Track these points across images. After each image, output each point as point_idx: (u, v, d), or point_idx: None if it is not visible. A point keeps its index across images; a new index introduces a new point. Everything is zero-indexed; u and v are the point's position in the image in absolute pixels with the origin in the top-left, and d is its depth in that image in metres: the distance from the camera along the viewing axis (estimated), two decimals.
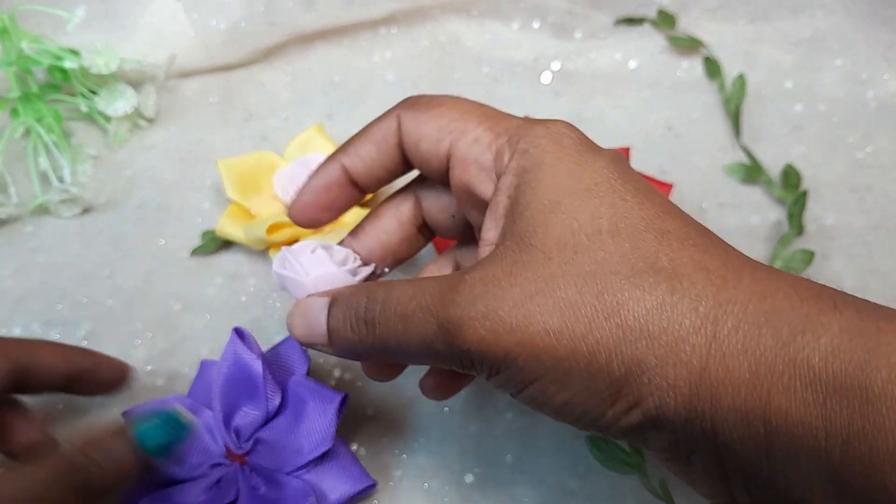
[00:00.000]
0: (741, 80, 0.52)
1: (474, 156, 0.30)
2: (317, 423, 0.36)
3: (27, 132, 0.50)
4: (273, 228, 0.44)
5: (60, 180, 0.49)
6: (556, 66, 0.55)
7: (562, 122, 0.30)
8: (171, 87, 0.54)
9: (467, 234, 0.36)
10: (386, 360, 0.33)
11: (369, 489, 0.38)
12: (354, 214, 0.46)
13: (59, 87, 0.51)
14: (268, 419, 0.37)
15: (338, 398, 0.37)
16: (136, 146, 0.52)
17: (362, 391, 0.42)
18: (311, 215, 0.34)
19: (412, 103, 0.33)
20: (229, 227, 0.45)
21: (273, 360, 0.39)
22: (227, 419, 0.37)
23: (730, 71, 0.53)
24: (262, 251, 0.46)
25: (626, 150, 0.45)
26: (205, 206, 0.49)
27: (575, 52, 0.56)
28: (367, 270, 0.34)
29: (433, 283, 0.28)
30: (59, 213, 0.48)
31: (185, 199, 0.49)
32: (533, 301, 0.25)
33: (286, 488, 0.36)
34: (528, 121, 0.30)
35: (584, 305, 0.25)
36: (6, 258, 0.47)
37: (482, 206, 0.31)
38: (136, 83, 0.52)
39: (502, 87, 0.54)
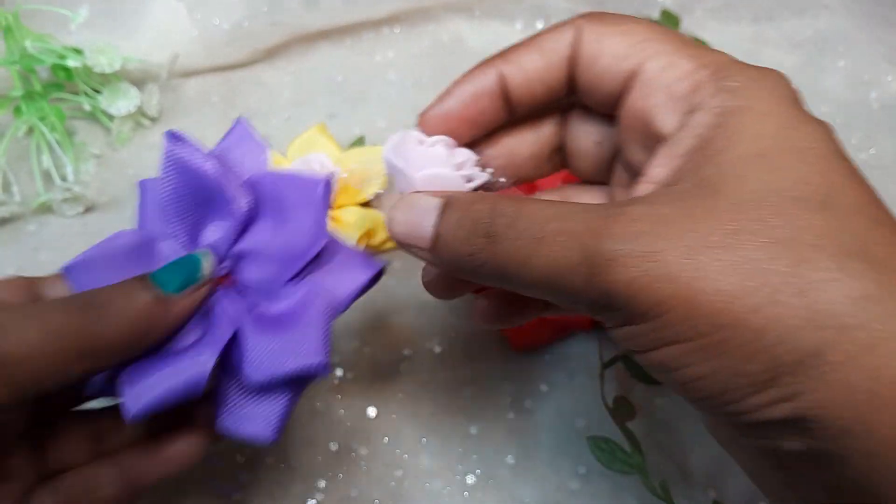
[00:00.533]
0: None
1: (666, 81, 0.26)
2: (303, 216, 0.31)
3: (30, 131, 0.50)
4: None
5: (63, 179, 0.49)
6: None
7: (777, 71, 0.26)
8: (173, 87, 0.54)
9: (601, 170, 0.32)
10: (492, 283, 0.27)
11: (378, 277, 0.32)
12: (355, 214, 0.46)
13: (63, 86, 0.51)
14: (242, 229, 0.31)
15: (320, 183, 0.31)
16: (138, 145, 0.52)
17: (364, 392, 0.42)
18: (447, 126, 0.30)
19: (597, 17, 0.29)
20: None
21: (224, 160, 0.32)
22: (193, 241, 0.32)
23: None
24: None
25: None
26: None
27: None
28: (484, 177, 0.30)
29: (580, 209, 0.24)
30: (62, 211, 0.48)
31: None
32: (710, 253, 0.22)
33: (290, 297, 0.30)
34: (737, 61, 0.27)
35: (773, 273, 0.21)
36: (9, 257, 0.47)
37: (653, 140, 0.27)
38: (139, 82, 0.52)
39: None
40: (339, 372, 0.43)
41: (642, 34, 0.27)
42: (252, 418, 0.29)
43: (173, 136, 0.31)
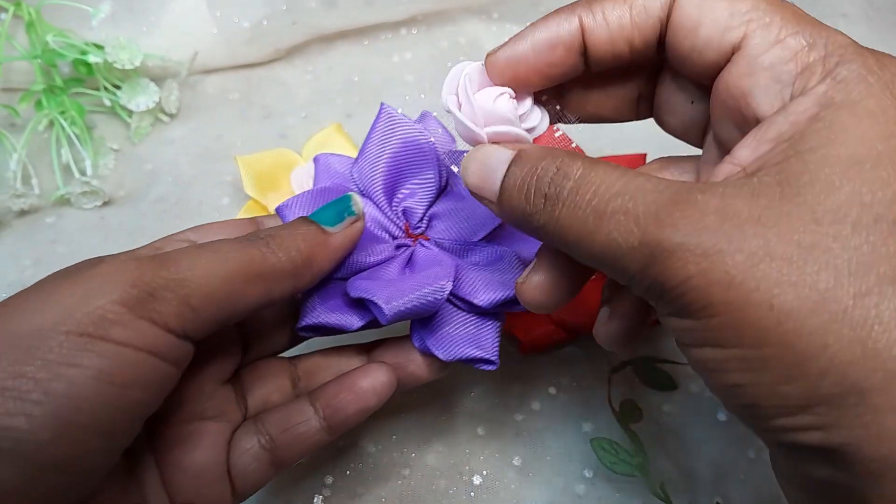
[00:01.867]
0: None
1: (771, 60, 0.24)
2: None
3: (50, 124, 0.50)
4: None
5: (82, 173, 0.49)
6: None
7: None
8: (192, 84, 0.55)
9: (692, 132, 0.30)
10: (551, 244, 0.27)
11: None
12: None
13: (83, 81, 0.52)
14: (437, 195, 0.35)
15: None
16: (156, 141, 0.52)
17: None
18: (514, 72, 0.28)
19: None
20: None
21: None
22: (388, 198, 0.36)
23: None
24: None
25: (643, 157, 0.45)
26: (223, 202, 0.49)
27: None
28: (546, 122, 0.29)
29: (650, 186, 0.23)
30: (80, 204, 0.49)
31: (204, 194, 0.50)
32: (775, 264, 0.20)
33: (485, 252, 0.35)
34: (856, 44, 0.24)
35: (834, 301, 0.20)
36: (27, 248, 0.47)
37: (749, 122, 0.25)
38: (159, 79, 0.53)
39: None
40: None
41: (750, 1, 0.25)
42: (476, 342, 0.33)
43: (387, 107, 0.35)
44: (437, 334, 0.33)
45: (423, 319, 0.33)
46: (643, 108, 0.31)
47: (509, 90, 0.28)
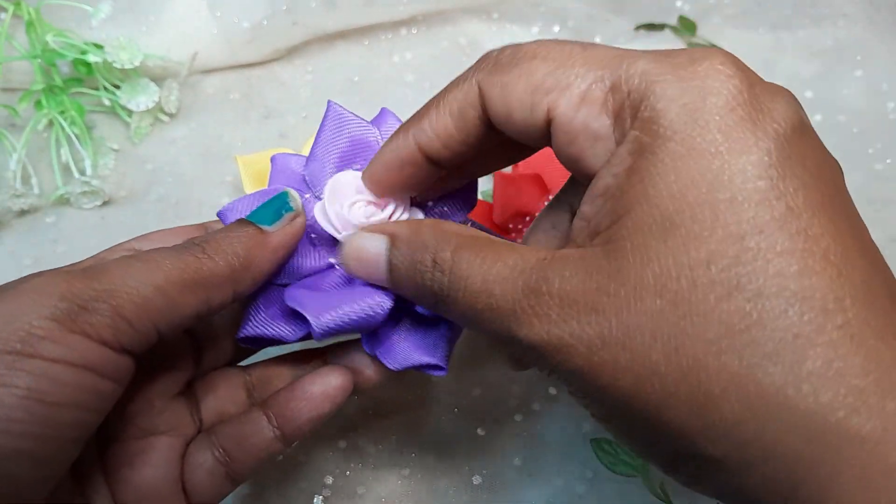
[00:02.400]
0: None
1: (583, 121, 0.23)
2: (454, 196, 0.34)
3: (50, 124, 0.50)
4: None
5: (82, 172, 0.49)
6: None
7: (716, 59, 0.22)
8: (192, 83, 0.55)
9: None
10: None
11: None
12: None
13: (83, 81, 0.52)
14: None
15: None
16: (156, 140, 0.52)
17: (374, 390, 0.42)
18: (383, 189, 0.30)
19: (493, 62, 0.26)
20: None
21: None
22: None
23: None
24: None
25: None
26: (224, 202, 0.49)
27: None
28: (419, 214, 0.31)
29: (506, 271, 0.24)
30: (80, 204, 0.49)
31: (205, 194, 0.50)
32: (610, 352, 0.21)
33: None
34: (661, 60, 0.22)
35: (667, 376, 0.20)
36: (27, 248, 0.48)
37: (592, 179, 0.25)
38: (159, 78, 0.53)
39: None
40: None
41: (542, 69, 0.24)
42: (423, 349, 0.32)
43: (334, 105, 0.34)
44: (385, 345, 0.32)
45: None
46: (512, 151, 0.31)
47: (366, 197, 0.31)
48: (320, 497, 0.39)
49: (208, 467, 0.31)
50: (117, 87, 0.51)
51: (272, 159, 0.35)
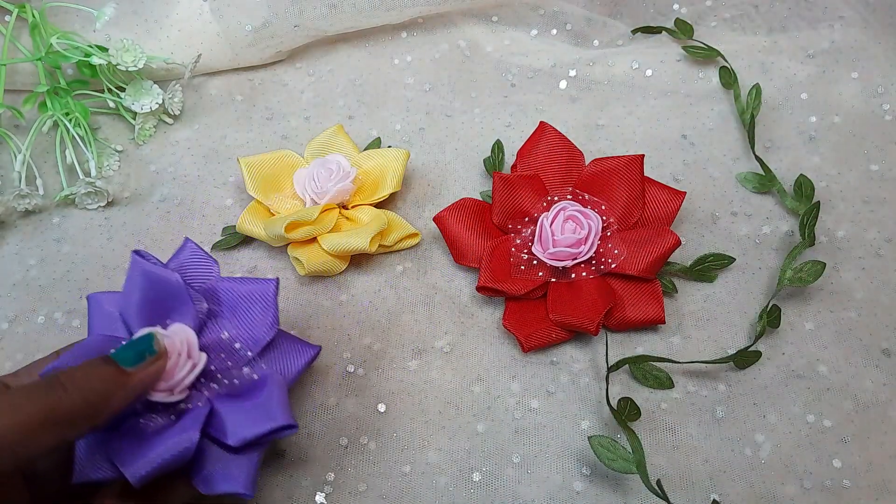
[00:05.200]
0: (757, 91, 0.52)
1: None
2: (259, 313, 0.37)
3: (55, 126, 0.51)
4: (291, 226, 0.44)
5: (86, 174, 0.50)
6: (573, 72, 0.56)
7: None
8: (196, 86, 0.55)
9: None
10: None
11: (317, 355, 0.39)
12: (370, 214, 0.47)
13: (87, 83, 0.53)
14: (200, 328, 0.36)
15: (272, 285, 0.37)
16: (160, 142, 0.53)
17: (374, 388, 0.43)
18: None
19: None
20: (250, 224, 0.46)
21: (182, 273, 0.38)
22: None
23: (745, 81, 0.54)
24: (281, 248, 0.47)
25: (641, 157, 0.45)
26: (227, 203, 0.50)
27: (592, 60, 0.56)
28: None
29: None
30: (85, 205, 0.49)
31: (208, 195, 0.50)
32: None
33: (250, 378, 0.36)
34: None
35: None
36: (32, 248, 0.48)
37: None
38: (162, 81, 0.53)
39: (520, 92, 0.55)
40: (350, 368, 0.43)
41: None
42: (229, 478, 0.34)
43: (139, 254, 0.36)
44: (200, 475, 0.34)
45: None
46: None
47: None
48: (323, 494, 0.40)
49: None
50: (121, 89, 0.52)
51: (88, 299, 0.39)
